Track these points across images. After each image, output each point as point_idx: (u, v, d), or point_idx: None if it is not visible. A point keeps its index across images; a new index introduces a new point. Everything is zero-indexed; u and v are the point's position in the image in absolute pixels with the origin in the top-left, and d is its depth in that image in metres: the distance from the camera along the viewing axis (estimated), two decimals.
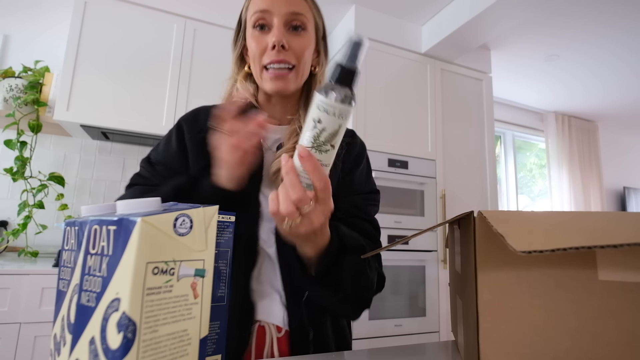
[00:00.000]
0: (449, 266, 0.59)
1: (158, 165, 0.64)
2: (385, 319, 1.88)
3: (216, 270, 0.42)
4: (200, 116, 0.66)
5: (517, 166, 3.56)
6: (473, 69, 2.48)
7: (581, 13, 2.19)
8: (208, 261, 0.33)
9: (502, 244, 0.35)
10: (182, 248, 0.31)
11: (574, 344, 0.34)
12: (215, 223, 0.34)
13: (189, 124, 0.65)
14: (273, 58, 0.58)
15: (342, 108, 0.39)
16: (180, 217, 0.31)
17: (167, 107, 1.88)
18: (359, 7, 2.17)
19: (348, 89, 0.40)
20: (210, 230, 0.33)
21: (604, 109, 3.54)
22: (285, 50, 0.58)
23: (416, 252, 2.02)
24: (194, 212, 0.32)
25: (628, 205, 3.91)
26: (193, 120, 0.65)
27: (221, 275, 0.42)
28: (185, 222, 0.31)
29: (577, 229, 0.33)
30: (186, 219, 0.32)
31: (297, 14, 0.59)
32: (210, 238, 0.33)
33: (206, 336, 0.32)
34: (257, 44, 0.59)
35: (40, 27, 2.04)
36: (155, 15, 1.94)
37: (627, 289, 0.34)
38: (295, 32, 0.60)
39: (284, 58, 0.58)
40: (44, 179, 1.75)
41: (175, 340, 0.30)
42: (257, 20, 0.60)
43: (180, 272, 0.31)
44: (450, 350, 0.54)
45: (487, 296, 0.37)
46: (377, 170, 2.00)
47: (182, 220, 0.31)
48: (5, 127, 1.72)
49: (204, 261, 0.32)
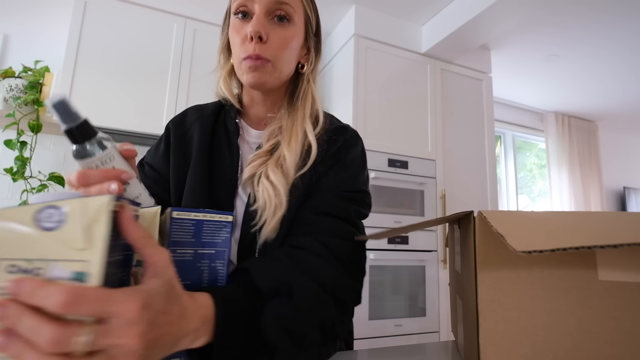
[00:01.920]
0: (449, 266, 0.59)
1: (146, 166, 0.64)
2: (385, 319, 1.88)
3: (213, 270, 0.41)
4: (187, 117, 0.64)
5: (517, 166, 3.56)
6: (473, 69, 2.48)
7: (581, 13, 2.19)
8: (94, 263, 0.26)
9: (502, 244, 0.35)
10: (56, 245, 0.26)
11: (574, 344, 0.34)
12: (106, 217, 0.27)
13: (176, 125, 0.63)
14: (250, 52, 0.53)
15: (102, 156, 0.38)
16: (46, 210, 0.26)
17: (167, 107, 1.88)
18: (359, 7, 2.17)
19: (94, 138, 0.38)
20: (97, 225, 0.27)
21: (604, 109, 3.54)
22: (263, 43, 0.53)
23: (416, 252, 2.01)
24: (69, 203, 0.27)
25: (628, 205, 3.90)
26: (180, 122, 0.64)
27: (218, 275, 0.41)
28: (53, 215, 0.26)
29: (577, 229, 0.33)
30: (54, 212, 0.26)
31: (281, 2, 0.54)
32: (98, 235, 0.26)
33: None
34: (237, 34, 0.55)
35: (40, 27, 2.04)
36: (155, 16, 1.94)
37: (627, 289, 0.34)
38: (279, 23, 0.55)
39: (259, 53, 0.53)
40: (44, 179, 1.75)
41: None
42: (239, 7, 0.55)
43: (52, 274, 0.26)
44: (450, 350, 0.54)
45: (487, 296, 0.37)
46: (377, 170, 2.00)
47: (48, 213, 0.26)
48: (5, 127, 1.72)
49: (87, 262, 0.26)
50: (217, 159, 0.59)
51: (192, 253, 0.40)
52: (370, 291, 1.86)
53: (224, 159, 0.59)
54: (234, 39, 0.56)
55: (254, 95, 0.61)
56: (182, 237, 0.40)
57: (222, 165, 0.59)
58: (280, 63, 0.56)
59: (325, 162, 0.57)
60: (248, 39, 0.53)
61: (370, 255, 1.87)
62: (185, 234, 0.40)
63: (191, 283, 0.39)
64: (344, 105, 2.13)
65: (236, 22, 0.56)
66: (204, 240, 0.41)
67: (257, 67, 0.54)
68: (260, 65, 0.54)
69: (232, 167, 0.58)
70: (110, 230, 0.27)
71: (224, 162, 0.59)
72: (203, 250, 0.41)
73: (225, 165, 0.59)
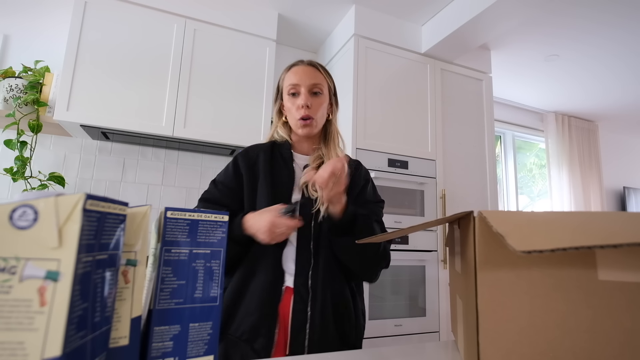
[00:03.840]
0: (449, 266, 0.59)
1: (219, 185, 0.90)
2: (385, 319, 1.88)
3: (208, 270, 0.41)
4: (250, 152, 0.93)
5: (517, 166, 3.56)
6: (473, 69, 2.48)
7: (581, 13, 2.19)
8: (65, 262, 0.26)
9: (502, 244, 0.35)
10: (29, 244, 0.26)
11: (574, 344, 0.34)
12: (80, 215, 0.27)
13: (243, 157, 0.91)
14: (302, 114, 0.88)
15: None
16: (20, 209, 0.27)
17: (168, 107, 1.88)
18: (359, 7, 2.17)
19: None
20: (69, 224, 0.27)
21: (604, 109, 3.55)
22: (309, 108, 0.88)
23: (416, 252, 2.01)
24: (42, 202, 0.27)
25: (628, 205, 3.91)
26: (246, 155, 0.92)
27: (214, 275, 0.41)
28: (27, 213, 0.27)
29: (577, 229, 0.33)
30: (28, 211, 0.27)
31: (315, 84, 0.90)
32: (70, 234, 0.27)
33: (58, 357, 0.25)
34: (292, 105, 0.90)
35: (41, 27, 2.04)
36: (156, 15, 1.94)
37: (627, 289, 0.34)
38: (315, 96, 0.90)
39: (307, 114, 0.88)
40: (44, 179, 1.75)
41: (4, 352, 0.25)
42: (290, 90, 0.90)
43: (25, 272, 0.26)
44: (450, 350, 0.54)
45: (487, 296, 0.37)
46: (377, 170, 2.00)
47: (22, 212, 0.27)
48: (6, 127, 1.72)
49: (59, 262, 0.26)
50: (277, 175, 0.89)
51: (187, 253, 0.40)
52: (370, 291, 1.86)
53: (282, 175, 0.89)
54: (291, 108, 0.90)
55: (302, 137, 0.94)
56: (176, 237, 0.40)
57: (281, 179, 0.88)
58: (318, 119, 0.91)
59: (358, 184, 0.92)
60: (300, 107, 0.88)
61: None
62: (180, 234, 0.40)
63: (186, 283, 0.39)
64: (344, 105, 2.13)
65: (290, 98, 0.91)
66: (199, 240, 0.41)
67: (307, 124, 0.89)
68: (309, 123, 0.89)
69: (290, 178, 0.88)
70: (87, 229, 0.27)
71: (282, 177, 0.88)
72: (198, 250, 0.41)
73: (284, 178, 0.88)
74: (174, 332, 0.38)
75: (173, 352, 0.38)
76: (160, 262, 0.39)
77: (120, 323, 0.34)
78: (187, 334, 0.39)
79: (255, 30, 2.16)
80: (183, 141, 1.97)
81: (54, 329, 0.26)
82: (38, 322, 0.25)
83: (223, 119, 2.00)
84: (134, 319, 0.35)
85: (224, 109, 2.01)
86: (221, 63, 2.05)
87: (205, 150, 2.19)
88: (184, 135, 1.90)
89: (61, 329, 0.26)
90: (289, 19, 2.34)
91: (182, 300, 0.39)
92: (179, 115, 1.90)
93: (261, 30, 2.18)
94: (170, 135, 1.88)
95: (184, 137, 1.91)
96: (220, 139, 1.98)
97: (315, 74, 0.91)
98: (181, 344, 0.38)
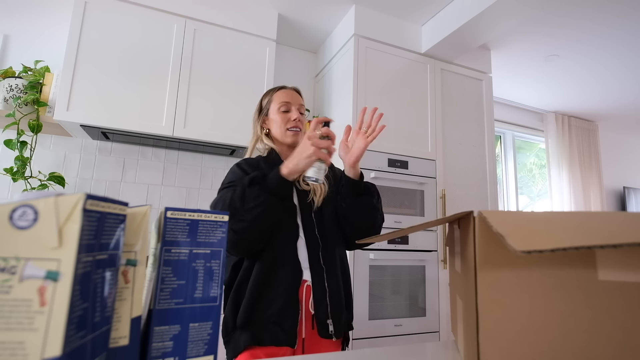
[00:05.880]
0: (449, 266, 0.59)
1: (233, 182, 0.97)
2: (385, 319, 1.88)
3: (208, 270, 0.41)
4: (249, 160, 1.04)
5: (517, 166, 3.56)
6: (473, 69, 2.48)
7: (581, 14, 2.19)
8: (65, 262, 0.26)
9: (502, 244, 0.35)
10: (29, 244, 0.27)
11: (574, 344, 0.34)
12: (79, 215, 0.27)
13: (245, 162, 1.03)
14: (293, 125, 1.06)
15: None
16: (20, 209, 0.27)
17: (168, 107, 1.88)
18: (359, 7, 2.18)
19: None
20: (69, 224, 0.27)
21: (604, 109, 3.55)
22: (298, 121, 1.06)
23: (416, 252, 2.01)
24: (42, 202, 0.27)
25: (628, 205, 3.91)
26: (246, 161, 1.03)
27: (214, 275, 0.41)
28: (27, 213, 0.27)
29: (577, 229, 0.33)
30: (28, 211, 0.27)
31: (302, 105, 1.10)
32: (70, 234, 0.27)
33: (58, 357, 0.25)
34: (283, 118, 1.06)
35: (40, 27, 2.04)
36: (155, 15, 1.94)
37: (627, 289, 0.34)
38: (300, 113, 1.08)
39: (298, 125, 1.06)
40: (44, 179, 1.75)
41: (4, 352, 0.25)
42: (282, 107, 1.07)
43: (25, 272, 0.26)
44: (450, 350, 0.54)
45: (487, 296, 0.37)
46: (377, 170, 2.00)
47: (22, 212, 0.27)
48: (6, 127, 1.72)
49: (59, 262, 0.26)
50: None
51: (187, 253, 0.40)
52: (370, 291, 1.86)
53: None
54: (281, 121, 1.06)
55: (288, 145, 1.08)
56: (176, 237, 0.40)
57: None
58: (303, 131, 1.08)
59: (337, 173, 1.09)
60: (291, 120, 1.05)
61: (370, 255, 1.87)
62: (180, 234, 0.40)
63: (186, 283, 0.39)
64: (344, 105, 2.13)
65: (281, 113, 1.06)
66: (199, 240, 0.41)
67: (296, 134, 1.06)
68: (298, 132, 1.06)
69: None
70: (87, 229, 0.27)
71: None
72: (198, 250, 0.41)
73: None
74: (174, 332, 0.38)
75: (173, 352, 0.38)
76: (160, 262, 0.38)
77: (120, 323, 0.34)
78: (187, 334, 0.39)
79: (255, 30, 2.16)
80: (183, 141, 1.97)
81: (54, 329, 0.26)
82: (38, 322, 0.25)
83: (223, 119, 2.00)
84: (134, 319, 0.35)
85: (224, 109, 2.01)
86: (221, 63, 2.05)
87: (205, 150, 2.19)
88: (184, 135, 1.90)
89: (61, 329, 0.26)
90: (289, 19, 2.34)
91: (182, 300, 0.39)
92: (179, 115, 1.90)
93: (261, 30, 2.18)
94: (170, 135, 1.88)
95: (184, 137, 1.91)
96: (220, 139, 1.98)
97: (300, 99, 1.11)
98: (181, 344, 0.38)
